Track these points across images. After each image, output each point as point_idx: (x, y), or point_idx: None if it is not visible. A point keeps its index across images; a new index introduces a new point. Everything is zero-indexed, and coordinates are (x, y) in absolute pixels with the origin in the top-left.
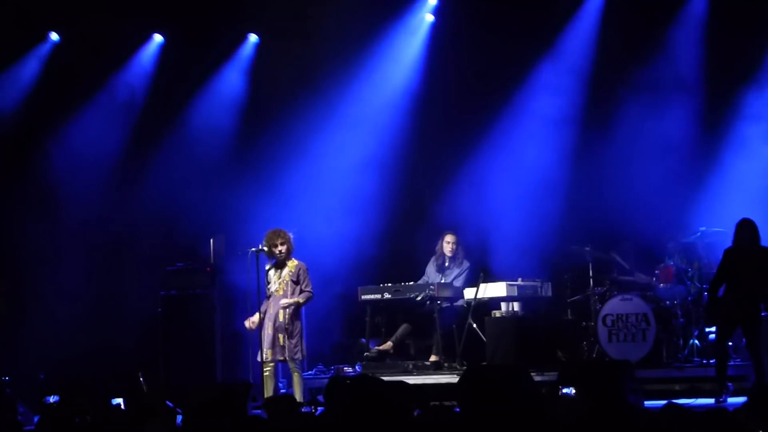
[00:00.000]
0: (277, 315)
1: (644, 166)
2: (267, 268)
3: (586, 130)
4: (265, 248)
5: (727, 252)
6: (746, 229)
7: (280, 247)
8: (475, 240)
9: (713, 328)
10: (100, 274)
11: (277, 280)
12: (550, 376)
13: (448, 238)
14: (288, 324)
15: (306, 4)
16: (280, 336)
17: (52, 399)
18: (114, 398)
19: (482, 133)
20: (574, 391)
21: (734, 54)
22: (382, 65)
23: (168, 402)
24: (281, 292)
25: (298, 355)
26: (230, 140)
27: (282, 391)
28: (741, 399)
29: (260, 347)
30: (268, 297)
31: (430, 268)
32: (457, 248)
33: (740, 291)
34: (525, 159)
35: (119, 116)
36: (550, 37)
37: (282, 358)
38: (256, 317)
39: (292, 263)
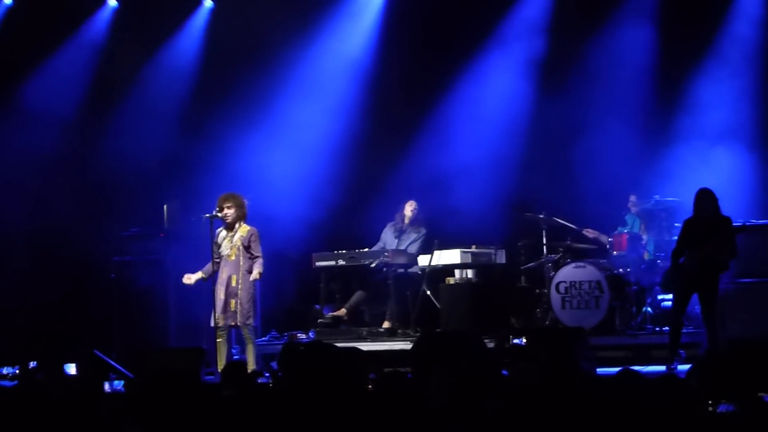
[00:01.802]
0: (229, 280)
1: (598, 133)
2: (218, 231)
3: (539, 98)
4: (217, 212)
5: (687, 222)
6: (705, 198)
7: (226, 210)
8: (430, 207)
9: (667, 296)
10: (51, 239)
11: (228, 245)
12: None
13: (411, 205)
14: (240, 289)
15: None
16: (232, 301)
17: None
18: (67, 364)
19: (436, 102)
20: (525, 340)
21: (689, 20)
22: (336, 33)
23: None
24: (233, 257)
25: (250, 321)
26: (185, 106)
27: (235, 357)
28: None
29: (213, 312)
30: (218, 261)
31: (387, 234)
32: (416, 214)
33: (698, 259)
34: (479, 128)
35: (73, 81)
36: (506, 7)
37: (234, 324)
38: (195, 275)
39: (244, 228)
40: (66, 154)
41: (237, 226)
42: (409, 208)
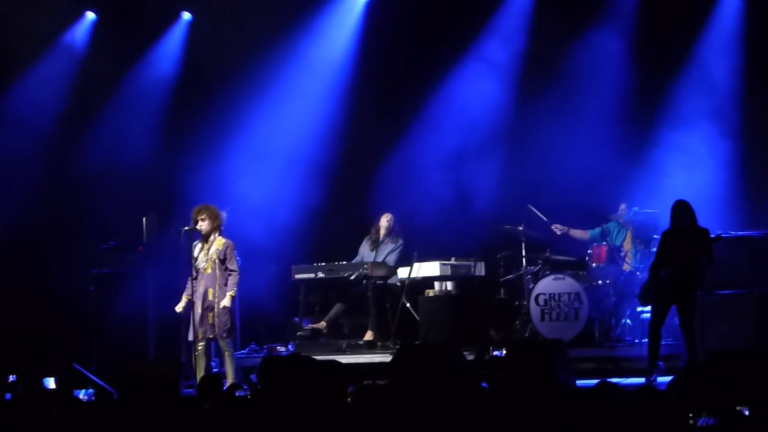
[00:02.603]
0: (206, 293)
1: (578, 145)
2: (194, 243)
3: (519, 110)
4: (193, 225)
5: (665, 233)
6: (682, 210)
7: (201, 222)
8: (409, 219)
9: (646, 308)
10: (31, 252)
11: (204, 258)
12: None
13: (386, 216)
14: (217, 302)
15: None
16: (210, 314)
17: None
18: (46, 377)
19: (416, 113)
20: (504, 352)
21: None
22: (316, 43)
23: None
24: (209, 270)
25: (228, 333)
26: (164, 118)
27: (215, 370)
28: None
29: (191, 326)
30: (195, 276)
31: (364, 248)
32: (393, 225)
33: (676, 271)
34: (458, 139)
35: (51, 93)
36: (486, 14)
37: (212, 336)
38: (182, 302)
39: (220, 241)
40: (44, 165)
41: (212, 238)
42: (384, 220)
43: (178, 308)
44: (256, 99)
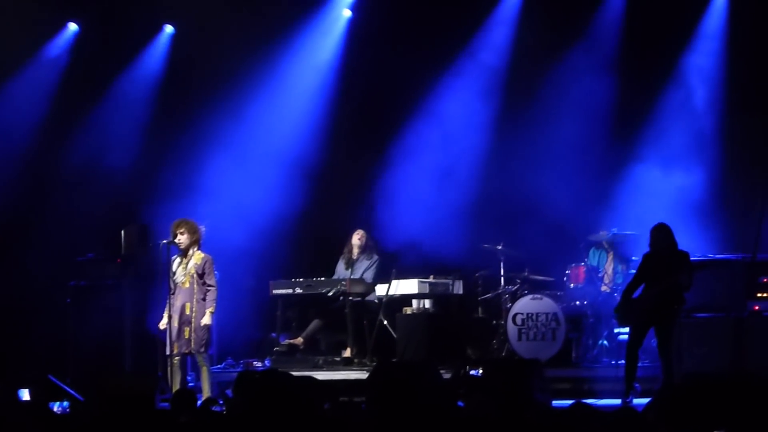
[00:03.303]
0: (183, 308)
1: (558, 165)
2: (173, 258)
3: (500, 129)
4: (172, 239)
5: (646, 256)
6: (662, 233)
7: (180, 237)
8: (388, 237)
9: (623, 329)
10: (7, 262)
11: (182, 272)
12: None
13: (358, 234)
14: (194, 317)
15: None
16: (186, 329)
17: None
18: (20, 389)
19: (396, 130)
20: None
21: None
22: (298, 58)
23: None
24: (187, 285)
25: (204, 348)
26: (144, 131)
27: (190, 384)
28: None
29: (168, 340)
30: (173, 291)
31: (339, 267)
32: (366, 242)
33: (656, 293)
34: (439, 157)
35: (31, 104)
36: (467, 33)
37: (187, 351)
38: (163, 319)
39: (198, 255)
40: (22, 175)
41: (191, 252)
42: (356, 238)
43: (161, 325)
44: (237, 112)
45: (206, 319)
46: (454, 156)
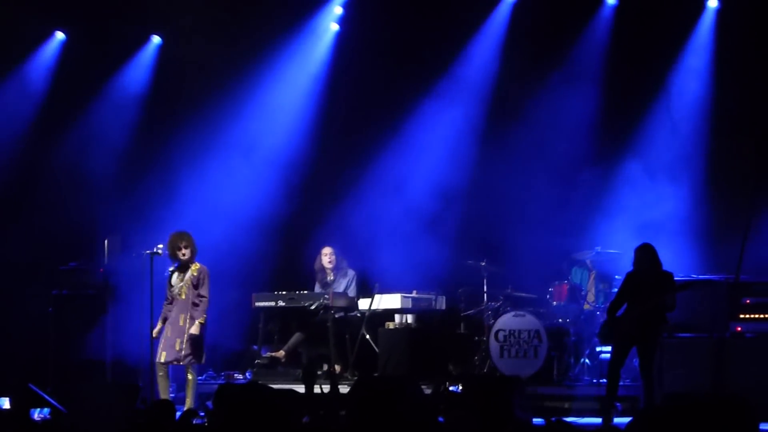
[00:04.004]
0: (178, 319)
1: (542, 181)
2: (170, 270)
3: (483, 145)
4: (168, 251)
5: (629, 275)
6: (646, 252)
7: (183, 250)
8: (371, 251)
9: (605, 348)
10: None
11: (179, 284)
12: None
13: (325, 251)
14: (188, 328)
15: (209, 9)
16: (178, 340)
17: None
18: (0, 397)
19: (380, 147)
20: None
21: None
22: (283, 74)
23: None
24: (183, 296)
25: (193, 359)
26: (129, 142)
27: (171, 395)
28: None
29: (158, 348)
30: (171, 302)
31: (317, 289)
32: (336, 259)
33: (639, 314)
34: (422, 173)
35: (15, 112)
36: (450, 52)
37: (175, 360)
38: (156, 328)
39: (195, 267)
40: (6, 183)
41: (190, 265)
42: (326, 260)
43: (155, 333)
44: (222, 125)
45: (194, 329)
46: (437, 172)
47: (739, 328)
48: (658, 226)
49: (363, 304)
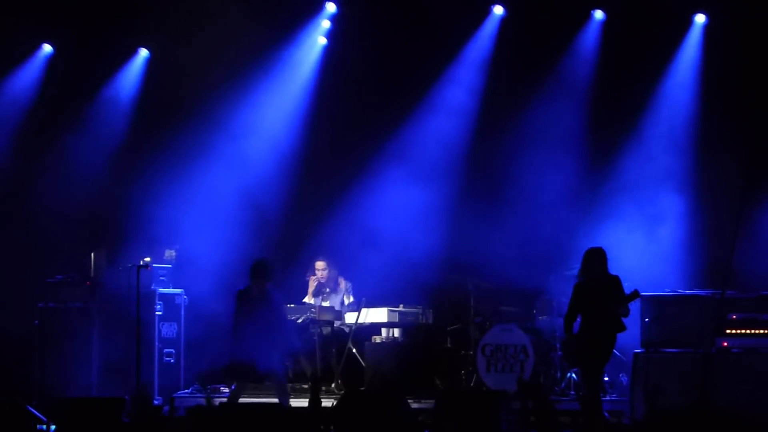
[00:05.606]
0: None
1: (530, 199)
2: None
3: (472, 163)
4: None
5: (578, 286)
6: (595, 258)
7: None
8: (358, 265)
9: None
10: None
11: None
12: (427, 403)
13: (319, 265)
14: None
15: (196, 22)
16: None
17: None
18: None
19: (369, 162)
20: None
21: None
22: (271, 87)
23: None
24: None
25: None
26: (115, 155)
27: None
28: None
29: None
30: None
31: (309, 300)
32: (330, 272)
33: (594, 324)
34: (410, 189)
35: (3, 124)
36: (439, 66)
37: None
38: None
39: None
40: None
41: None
42: (320, 273)
43: None
44: (210, 138)
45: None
46: (425, 188)
47: (725, 344)
48: (645, 241)
49: (350, 317)
